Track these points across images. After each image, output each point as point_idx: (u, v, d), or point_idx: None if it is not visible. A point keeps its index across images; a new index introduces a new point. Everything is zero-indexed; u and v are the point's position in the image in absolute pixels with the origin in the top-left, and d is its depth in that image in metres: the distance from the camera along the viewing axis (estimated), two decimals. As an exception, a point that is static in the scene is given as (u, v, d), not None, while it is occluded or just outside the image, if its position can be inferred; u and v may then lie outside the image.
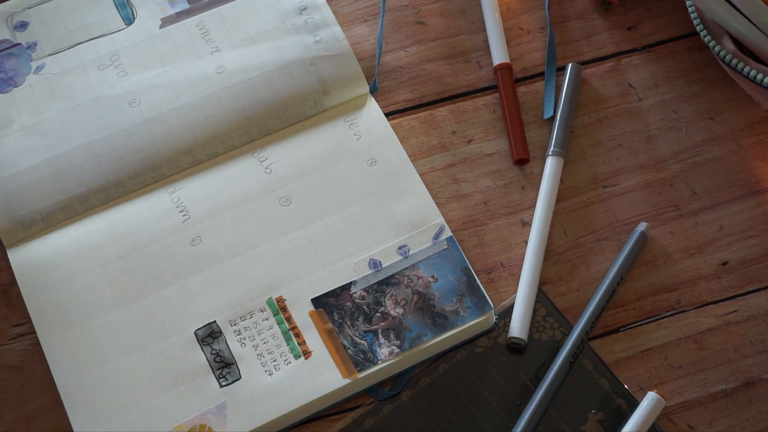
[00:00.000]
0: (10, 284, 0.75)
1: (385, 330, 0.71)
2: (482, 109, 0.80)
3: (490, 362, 0.71)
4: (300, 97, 0.79)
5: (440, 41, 0.83)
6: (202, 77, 0.79)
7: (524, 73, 0.81)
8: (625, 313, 0.73)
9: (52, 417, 0.70)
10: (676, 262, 0.74)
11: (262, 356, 0.71)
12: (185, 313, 0.72)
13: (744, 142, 0.78)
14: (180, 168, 0.77)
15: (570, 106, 0.78)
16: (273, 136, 0.78)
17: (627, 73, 0.81)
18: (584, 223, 0.76)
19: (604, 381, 0.70)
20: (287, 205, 0.76)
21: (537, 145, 0.78)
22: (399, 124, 0.79)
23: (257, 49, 0.80)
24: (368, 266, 0.73)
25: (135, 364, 0.70)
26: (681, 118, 0.79)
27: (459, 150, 0.78)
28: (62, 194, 0.76)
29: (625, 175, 0.77)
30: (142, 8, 0.83)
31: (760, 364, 0.71)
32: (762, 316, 0.72)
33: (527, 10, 0.83)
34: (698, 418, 0.69)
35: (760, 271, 0.73)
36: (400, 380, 0.71)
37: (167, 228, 0.75)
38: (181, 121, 0.78)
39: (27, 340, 0.73)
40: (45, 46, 0.82)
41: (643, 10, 0.83)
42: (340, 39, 0.81)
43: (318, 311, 0.72)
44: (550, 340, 0.71)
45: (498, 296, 0.73)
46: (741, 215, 0.75)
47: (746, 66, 0.72)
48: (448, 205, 0.77)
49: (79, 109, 0.79)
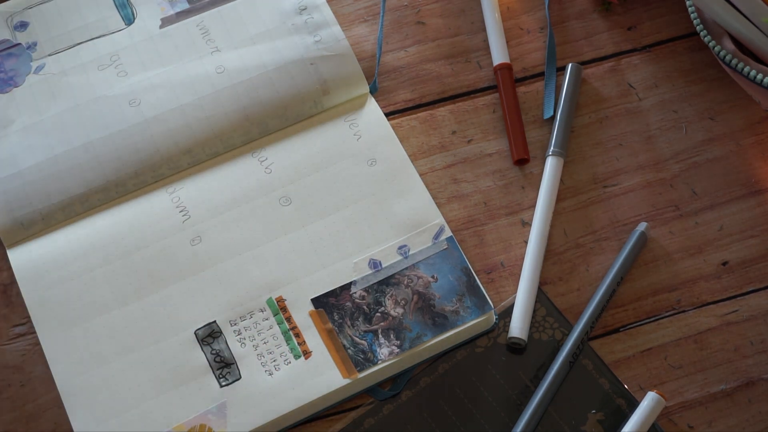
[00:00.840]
0: (10, 284, 0.75)
1: (385, 330, 0.71)
2: (482, 109, 0.80)
3: (490, 362, 0.71)
4: (300, 97, 0.79)
5: (440, 41, 0.83)
6: (202, 77, 0.79)
7: (524, 73, 0.81)
8: (625, 313, 0.73)
9: (52, 417, 0.70)
10: (676, 262, 0.74)
11: (262, 356, 0.70)
12: (185, 313, 0.72)
13: (744, 142, 0.78)
14: (180, 168, 0.77)
15: (570, 106, 0.78)
16: (273, 136, 0.78)
17: (627, 73, 0.81)
18: (584, 223, 0.76)
19: (604, 381, 0.70)
20: (287, 205, 0.76)
21: (537, 145, 0.78)
22: (399, 124, 0.79)
23: (257, 49, 0.80)
24: (368, 266, 0.73)
25: (135, 364, 0.70)
26: (681, 118, 0.79)
27: (459, 150, 0.78)
28: (62, 194, 0.76)
29: (625, 175, 0.77)
30: (142, 8, 0.83)
31: (760, 364, 0.71)
32: (762, 316, 0.72)
33: (527, 10, 0.83)
34: (698, 418, 0.69)
35: (760, 271, 0.73)
36: (400, 380, 0.71)
37: (167, 228, 0.75)
38: (181, 121, 0.78)
39: (27, 340, 0.73)
40: (45, 46, 0.82)
41: (643, 10, 0.83)
42: (340, 39, 0.81)
43: (318, 311, 0.72)
44: (550, 340, 0.71)
45: (498, 296, 0.73)
46: (741, 215, 0.75)
47: (746, 66, 0.72)
48: (448, 205, 0.77)
49: (79, 109, 0.79)
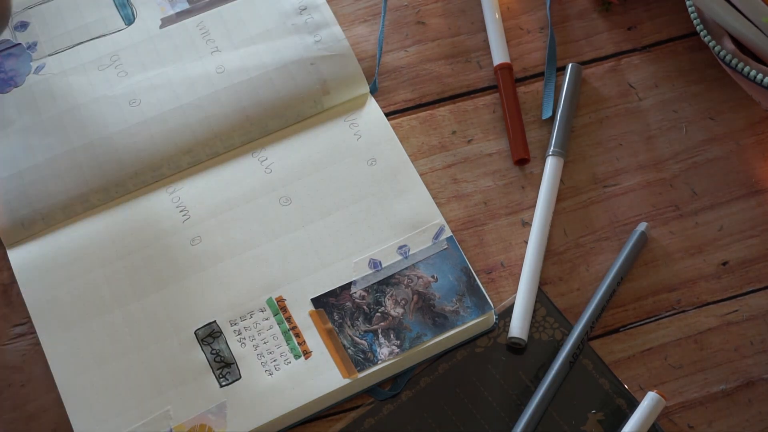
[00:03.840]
0: (10, 284, 0.75)
1: (385, 330, 0.71)
2: (482, 109, 0.80)
3: (490, 362, 0.71)
4: (300, 97, 0.79)
5: (440, 41, 0.83)
6: (202, 77, 0.79)
7: (524, 73, 0.81)
8: (625, 313, 0.73)
9: (52, 417, 0.70)
10: (676, 262, 0.74)
11: (262, 356, 0.70)
12: (185, 313, 0.72)
13: (744, 142, 0.78)
14: (180, 168, 0.77)
15: (570, 106, 0.78)
16: (273, 136, 0.78)
17: (627, 73, 0.81)
18: (584, 223, 0.76)
19: (604, 381, 0.70)
20: (287, 204, 0.76)
21: (537, 145, 0.78)
22: (399, 124, 0.79)
23: (257, 49, 0.80)
24: (368, 266, 0.73)
25: (135, 364, 0.70)
26: (681, 118, 0.79)
27: (459, 150, 0.78)
28: (62, 194, 0.76)
29: (625, 175, 0.77)
30: (142, 8, 0.83)
31: (760, 364, 0.71)
32: (762, 316, 0.72)
33: (527, 10, 0.83)
34: (698, 418, 0.69)
35: (760, 271, 0.73)
36: (400, 380, 0.71)
37: (167, 228, 0.75)
38: (181, 121, 0.78)
39: (27, 340, 0.73)
40: (45, 47, 0.82)
41: (643, 10, 0.83)
42: (340, 39, 0.81)
43: (318, 311, 0.72)
44: (550, 340, 0.71)
45: (498, 296, 0.73)
46: (741, 215, 0.75)
47: (746, 66, 0.71)
48: (448, 205, 0.77)
49: (79, 109, 0.79)
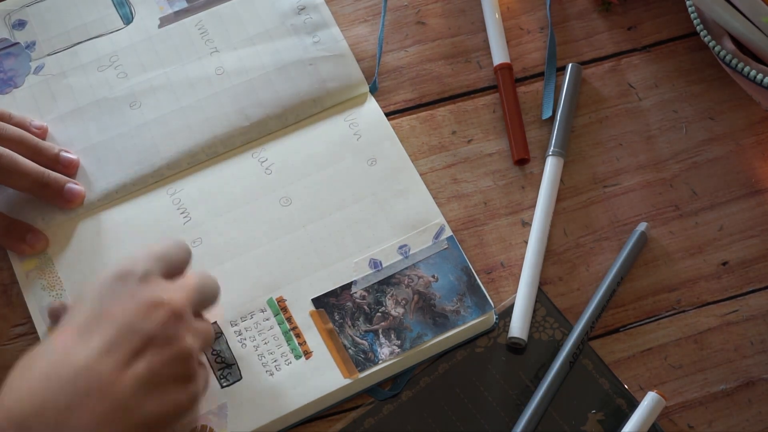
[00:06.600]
0: (10, 284, 0.75)
1: (385, 330, 0.71)
2: (482, 109, 0.80)
3: (490, 362, 0.71)
4: (299, 98, 0.79)
5: (440, 41, 0.82)
6: (201, 79, 0.79)
7: (524, 73, 0.81)
8: (625, 313, 0.73)
9: (52, 418, 0.70)
10: (676, 262, 0.74)
11: (262, 356, 0.70)
12: (186, 314, 0.72)
13: (744, 142, 0.78)
14: (180, 169, 0.77)
15: (570, 106, 0.78)
16: (273, 137, 0.78)
17: (627, 73, 0.81)
18: (584, 223, 0.76)
19: (604, 381, 0.70)
20: (287, 205, 0.76)
21: (537, 145, 0.78)
22: (399, 124, 0.79)
23: (256, 49, 0.80)
24: (369, 266, 0.73)
25: (136, 365, 0.70)
26: (681, 118, 0.79)
27: (459, 150, 0.78)
28: (62, 195, 0.76)
29: (625, 175, 0.77)
30: (140, 7, 0.83)
31: (760, 364, 0.71)
32: (762, 316, 0.72)
33: (527, 10, 0.83)
34: (698, 418, 0.69)
35: (760, 271, 0.73)
36: (400, 380, 0.71)
37: (168, 229, 0.75)
38: (182, 123, 0.78)
39: (27, 340, 0.73)
40: (44, 46, 0.81)
41: (643, 10, 0.83)
42: (338, 39, 0.81)
43: (318, 311, 0.72)
44: (550, 340, 0.71)
45: (498, 296, 0.73)
46: (741, 215, 0.75)
47: (746, 66, 0.72)
48: (448, 204, 0.77)
49: (80, 112, 0.79)
